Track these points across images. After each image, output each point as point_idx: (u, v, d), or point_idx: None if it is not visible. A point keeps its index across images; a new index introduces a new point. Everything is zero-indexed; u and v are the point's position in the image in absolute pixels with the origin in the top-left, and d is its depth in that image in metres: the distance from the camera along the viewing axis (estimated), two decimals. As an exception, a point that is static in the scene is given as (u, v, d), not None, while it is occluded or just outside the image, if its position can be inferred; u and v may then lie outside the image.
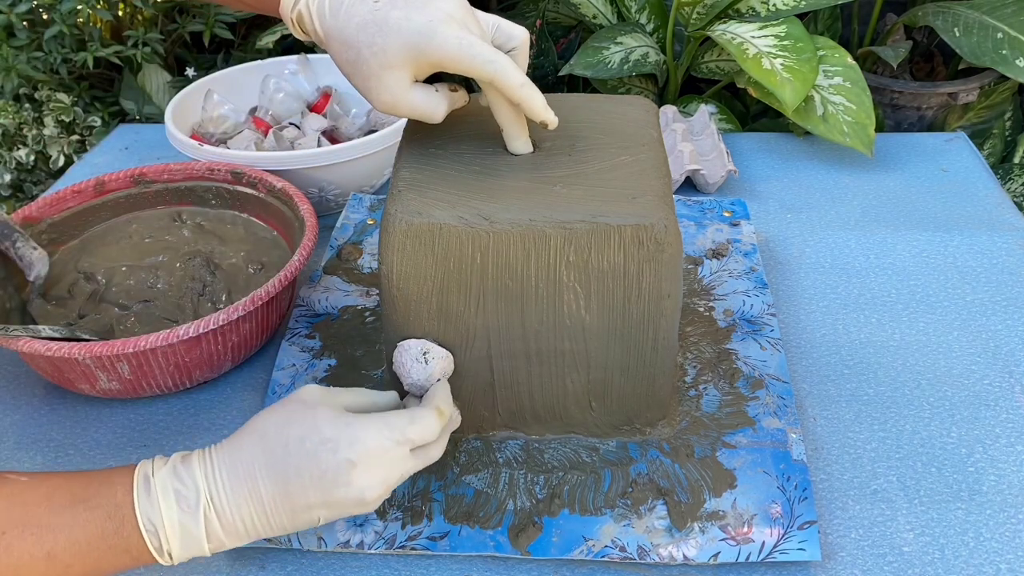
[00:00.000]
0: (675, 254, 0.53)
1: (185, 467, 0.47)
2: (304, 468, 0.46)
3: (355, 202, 0.87)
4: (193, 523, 0.45)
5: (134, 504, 0.45)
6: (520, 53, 0.55)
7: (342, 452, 0.47)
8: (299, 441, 0.47)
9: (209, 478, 0.46)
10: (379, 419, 0.48)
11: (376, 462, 0.47)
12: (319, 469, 0.46)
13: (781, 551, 0.53)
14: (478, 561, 0.55)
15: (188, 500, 0.46)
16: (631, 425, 0.60)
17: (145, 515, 0.45)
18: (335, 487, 0.47)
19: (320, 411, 0.48)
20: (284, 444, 0.47)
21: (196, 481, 0.46)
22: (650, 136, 0.59)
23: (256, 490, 0.46)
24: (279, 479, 0.46)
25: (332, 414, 0.48)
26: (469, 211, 0.52)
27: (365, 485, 0.47)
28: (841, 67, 0.98)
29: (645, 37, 1.17)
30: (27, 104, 1.41)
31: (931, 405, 0.66)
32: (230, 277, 0.78)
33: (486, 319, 0.55)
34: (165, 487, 0.46)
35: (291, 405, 0.49)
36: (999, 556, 0.55)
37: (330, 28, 0.53)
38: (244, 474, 0.46)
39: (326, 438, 0.47)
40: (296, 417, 0.48)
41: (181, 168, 0.81)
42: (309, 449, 0.46)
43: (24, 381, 0.71)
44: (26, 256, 0.73)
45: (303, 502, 0.47)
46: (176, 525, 0.45)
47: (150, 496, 0.46)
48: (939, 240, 0.83)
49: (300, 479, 0.46)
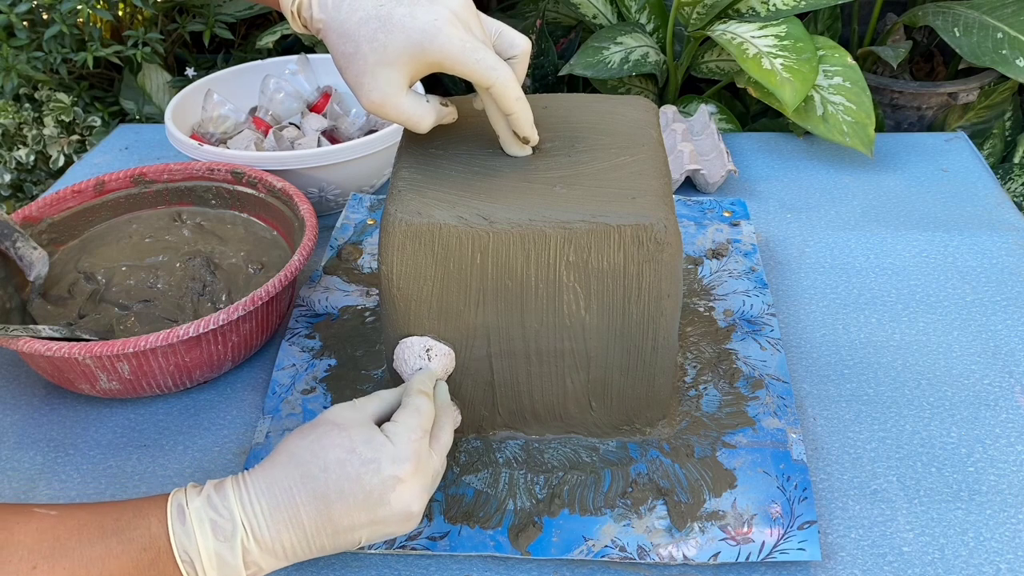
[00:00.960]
0: (675, 254, 0.53)
1: (220, 496, 0.46)
2: (348, 490, 0.46)
3: (355, 202, 0.87)
4: (230, 552, 0.45)
5: (170, 536, 0.45)
6: (520, 62, 0.55)
7: (386, 469, 0.46)
8: (339, 464, 0.46)
9: (246, 506, 0.46)
10: (401, 426, 0.48)
11: (416, 471, 0.47)
12: (364, 489, 0.46)
13: (781, 551, 0.53)
14: (478, 561, 0.55)
15: (225, 530, 0.45)
16: (631, 425, 0.60)
17: (181, 546, 0.45)
18: (380, 505, 0.47)
19: (354, 431, 0.48)
20: (323, 468, 0.46)
21: (232, 510, 0.46)
22: (650, 136, 0.59)
23: (297, 515, 0.46)
24: (321, 503, 0.46)
25: (367, 433, 0.48)
26: (469, 211, 0.52)
27: (410, 498, 0.47)
28: (841, 67, 0.98)
29: (645, 37, 1.17)
30: (27, 104, 1.41)
31: (931, 405, 0.66)
32: (230, 277, 0.78)
33: (486, 319, 0.55)
34: (201, 518, 0.45)
35: (322, 427, 0.48)
36: (999, 556, 0.55)
37: (331, 19, 0.53)
38: (284, 501, 0.46)
39: (368, 459, 0.47)
40: (331, 439, 0.47)
41: (181, 168, 0.81)
42: (351, 472, 0.46)
43: (24, 381, 0.71)
44: (26, 256, 0.73)
45: (347, 523, 0.46)
46: (213, 556, 0.45)
47: (185, 527, 0.45)
48: (939, 240, 0.83)
49: (344, 502, 0.46)
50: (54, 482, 0.62)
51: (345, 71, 0.53)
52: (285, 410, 0.65)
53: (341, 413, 0.50)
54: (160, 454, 0.64)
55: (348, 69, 0.53)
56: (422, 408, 0.50)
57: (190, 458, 0.64)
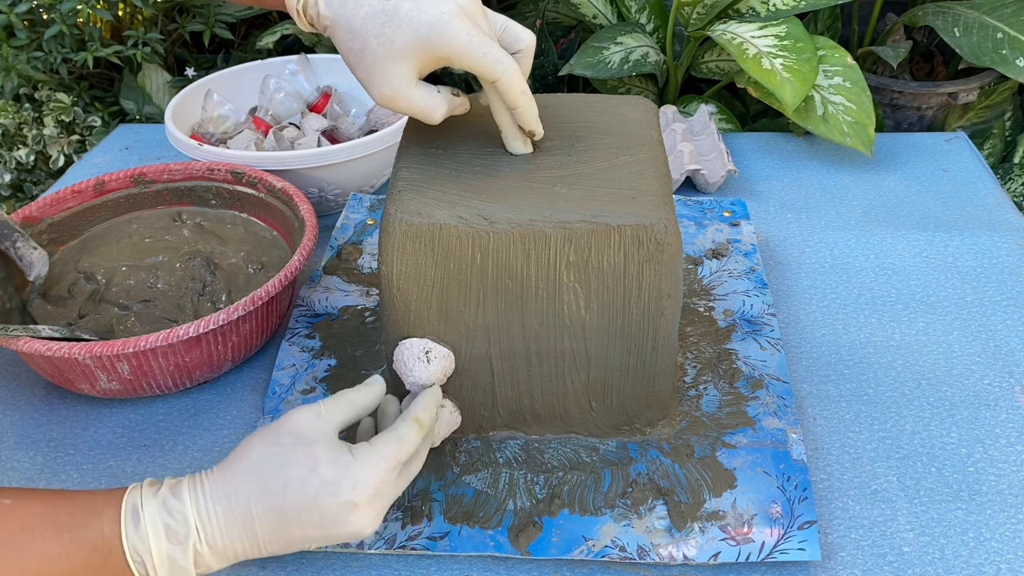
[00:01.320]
0: (675, 254, 0.53)
1: (176, 499, 0.46)
2: (305, 510, 0.46)
3: (355, 202, 0.87)
4: (182, 555, 0.45)
5: (122, 537, 0.45)
6: (525, 56, 0.55)
7: (344, 495, 0.46)
8: (300, 482, 0.46)
9: (202, 513, 0.46)
10: (373, 453, 0.48)
11: (375, 499, 0.47)
12: (319, 511, 0.46)
13: (781, 551, 0.53)
14: (478, 561, 0.55)
15: (178, 534, 0.45)
16: (631, 425, 0.60)
17: (133, 548, 0.45)
18: (334, 526, 0.47)
19: (318, 448, 0.47)
20: (283, 484, 0.46)
21: (187, 516, 0.46)
22: (650, 136, 0.59)
23: (251, 528, 0.46)
24: (277, 519, 0.46)
25: (331, 453, 0.47)
26: (469, 211, 0.52)
27: (365, 522, 0.47)
28: (841, 67, 0.98)
29: (645, 37, 1.17)
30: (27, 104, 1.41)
31: (931, 405, 0.66)
32: (230, 277, 0.78)
33: (486, 319, 0.55)
34: (155, 521, 0.45)
35: (286, 439, 0.48)
36: (999, 556, 0.55)
37: (337, 16, 0.53)
38: (240, 512, 0.46)
39: (328, 480, 0.46)
40: (294, 455, 0.47)
41: (181, 168, 0.81)
42: (310, 492, 0.46)
43: (24, 381, 0.71)
44: (26, 256, 0.73)
45: (299, 537, 0.47)
46: (165, 557, 0.45)
47: (139, 530, 0.45)
48: (939, 240, 0.83)
49: (300, 520, 0.46)
50: (54, 482, 0.62)
51: (355, 67, 0.53)
52: (285, 410, 0.65)
53: (307, 423, 0.48)
54: (160, 454, 0.64)
55: (357, 65, 0.53)
56: (406, 439, 0.49)
57: (190, 458, 0.64)
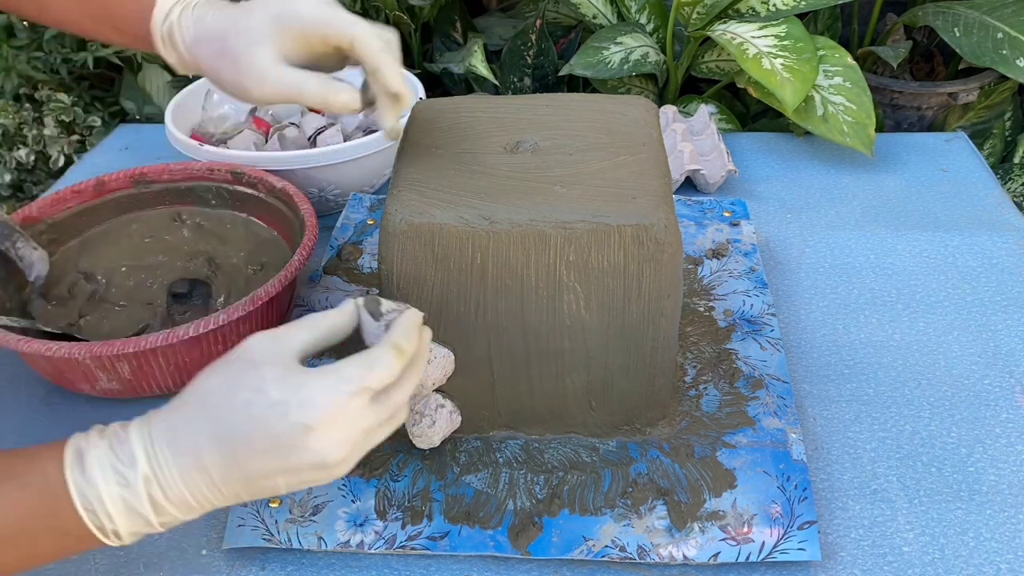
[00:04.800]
0: (675, 254, 0.53)
1: (122, 439, 0.43)
2: (253, 435, 0.42)
3: (355, 202, 0.87)
4: (135, 499, 0.42)
5: (67, 482, 0.41)
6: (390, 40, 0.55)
7: (293, 415, 0.42)
8: (245, 405, 0.42)
9: (148, 451, 0.42)
10: (332, 373, 0.43)
11: (333, 422, 0.42)
12: (270, 436, 0.42)
13: (781, 551, 0.53)
14: (478, 561, 0.55)
15: (127, 476, 0.42)
16: (631, 425, 0.60)
17: (81, 493, 0.41)
18: (290, 453, 0.42)
19: (267, 370, 0.43)
20: (230, 410, 0.42)
21: (135, 454, 0.42)
22: (650, 136, 0.59)
23: (201, 462, 0.42)
24: (226, 449, 0.42)
25: (280, 372, 0.43)
26: (469, 211, 0.52)
27: (325, 448, 0.42)
28: (841, 67, 0.98)
29: (645, 37, 1.17)
30: (27, 104, 1.41)
31: (931, 405, 0.66)
32: (230, 277, 0.78)
33: (486, 319, 0.55)
34: (102, 463, 0.42)
35: (235, 364, 0.44)
36: (999, 556, 0.55)
37: (196, 32, 0.55)
38: (187, 446, 0.42)
39: (275, 401, 0.42)
40: (241, 379, 0.43)
41: (181, 168, 0.81)
42: (256, 415, 0.42)
43: (24, 381, 0.71)
44: (26, 256, 0.73)
45: (256, 469, 0.42)
46: (118, 500, 0.42)
47: (85, 474, 0.42)
48: (939, 240, 0.83)
49: (249, 448, 0.42)
50: (54, 482, 0.62)
51: (220, 72, 0.54)
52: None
53: (260, 345, 0.44)
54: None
55: (223, 68, 0.54)
56: (378, 364, 0.44)
57: (190, 458, 0.64)
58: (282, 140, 0.91)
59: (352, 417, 0.43)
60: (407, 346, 0.46)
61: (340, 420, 0.43)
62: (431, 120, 0.61)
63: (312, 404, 0.42)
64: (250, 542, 0.55)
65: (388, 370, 0.44)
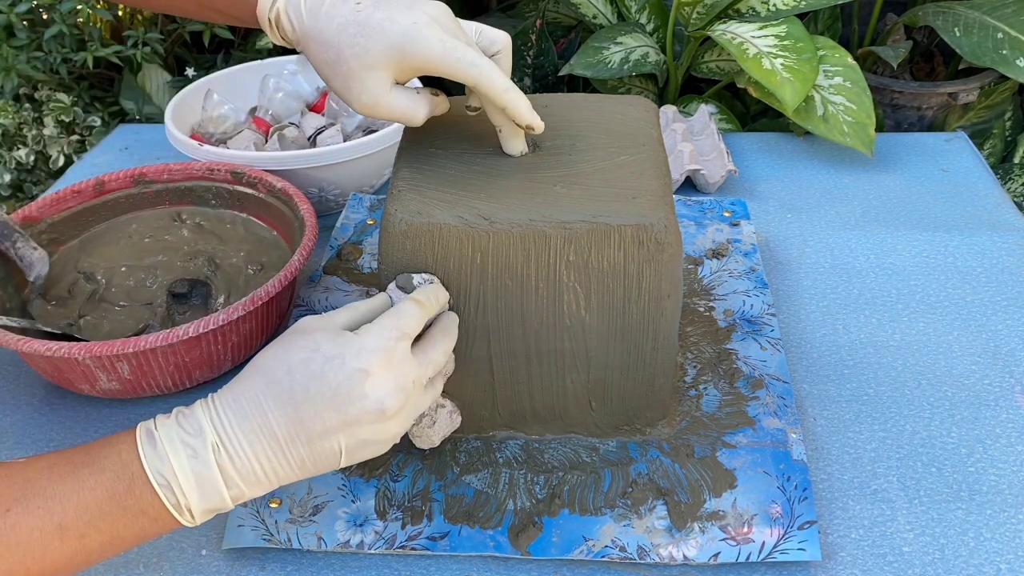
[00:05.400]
0: (675, 254, 0.53)
1: (189, 415, 0.45)
2: (314, 389, 0.44)
3: (355, 202, 0.87)
4: (206, 469, 0.44)
5: (141, 459, 0.43)
6: (503, 57, 0.55)
7: (350, 363, 0.45)
8: (303, 364, 0.45)
9: (215, 420, 0.45)
10: (373, 326, 0.47)
11: (386, 365, 0.46)
12: (330, 387, 0.44)
13: (781, 551, 0.53)
14: (478, 561, 0.55)
15: (196, 446, 0.44)
16: (631, 425, 0.60)
17: (155, 468, 0.43)
18: (350, 402, 0.45)
19: (318, 334, 0.46)
20: (288, 371, 0.45)
21: (202, 425, 0.44)
22: (650, 136, 0.59)
23: (267, 423, 0.44)
24: (289, 406, 0.44)
25: (331, 334, 0.46)
26: (469, 211, 0.52)
27: (382, 393, 0.45)
28: (841, 67, 0.98)
29: (645, 37, 1.17)
30: (27, 104, 1.41)
31: (931, 405, 0.66)
32: (230, 277, 0.78)
33: (486, 319, 0.55)
34: (171, 437, 0.44)
35: (287, 337, 0.47)
36: (999, 556, 0.55)
37: (309, 28, 0.53)
38: (251, 409, 0.45)
39: (331, 355, 0.45)
40: (296, 344, 0.46)
41: (181, 168, 0.81)
42: (315, 370, 0.45)
43: (24, 381, 0.71)
44: (26, 256, 0.73)
45: (319, 427, 0.45)
46: (189, 474, 0.43)
47: (156, 449, 0.44)
48: (939, 240, 0.83)
49: (311, 402, 0.44)
50: (54, 482, 0.62)
51: (330, 79, 0.53)
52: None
53: (308, 321, 0.48)
54: (160, 454, 0.64)
55: (333, 76, 0.53)
56: (405, 312, 0.48)
57: (190, 458, 0.64)
58: (282, 140, 0.91)
59: (401, 363, 0.47)
60: (424, 299, 0.50)
61: (391, 364, 0.46)
62: (431, 120, 0.61)
63: (365, 350, 0.45)
64: (250, 542, 0.55)
65: (412, 312, 0.49)
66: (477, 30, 0.55)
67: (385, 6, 0.51)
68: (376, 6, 0.51)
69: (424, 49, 0.51)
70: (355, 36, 0.51)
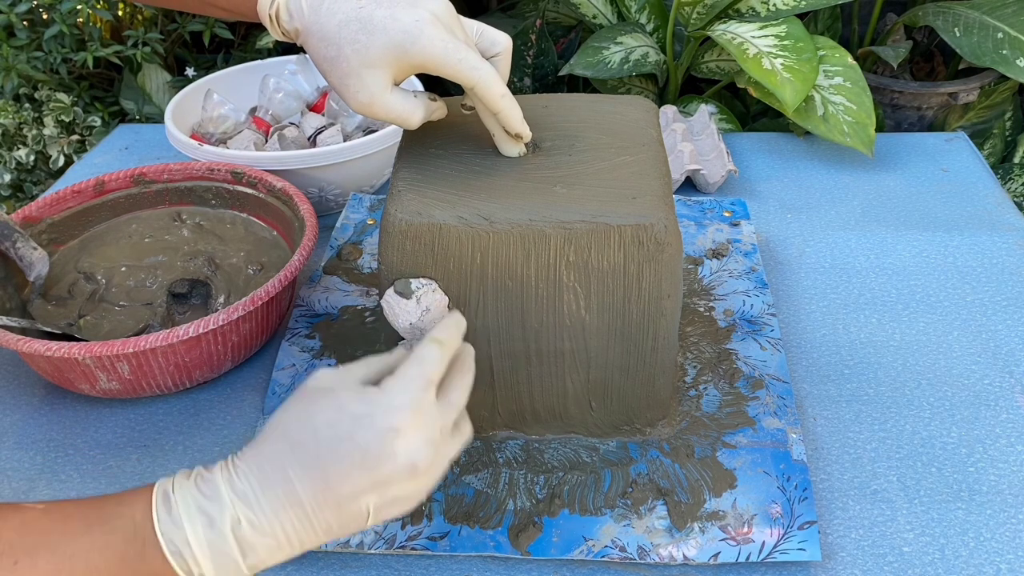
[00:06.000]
0: (675, 254, 0.53)
1: (208, 479, 0.43)
2: (342, 451, 0.42)
3: (355, 202, 0.87)
4: (221, 540, 0.41)
5: (155, 524, 0.41)
6: (503, 60, 0.55)
7: (379, 422, 0.42)
8: (329, 426, 0.43)
9: (236, 487, 0.42)
10: (399, 376, 0.45)
11: (416, 420, 0.43)
12: (359, 447, 0.42)
13: (781, 551, 0.53)
14: (478, 561, 0.55)
15: (213, 514, 0.41)
16: (631, 425, 0.60)
17: (168, 536, 0.41)
18: (380, 463, 0.42)
19: (341, 392, 0.44)
20: (313, 434, 0.43)
21: (221, 492, 0.42)
22: (650, 136, 0.59)
23: (292, 490, 0.42)
24: (316, 471, 0.42)
25: (354, 392, 0.44)
26: (469, 211, 0.52)
27: (412, 450, 0.43)
28: (841, 67, 0.98)
29: (645, 37, 1.17)
30: (27, 104, 1.41)
31: (931, 405, 0.66)
32: (230, 277, 0.78)
33: (486, 319, 0.55)
34: (187, 503, 0.42)
35: (307, 395, 0.45)
36: (999, 556, 0.55)
37: (309, 24, 0.53)
38: (276, 477, 0.42)
39: (359, 415, 0.43)
40: (317, 404, 0.44)
41: (181, 168, 0.81)
42: (343, 432, 0.42)
43: (24, 381, 0.71)
44: (26, 256, 0.73)
45: (348, 489, 0.42)
46: (204, 545, 0.41)
47: (171, 515, 0.41)
48: (939, 240, 0.83)
49: (340, 465, 0.42)
50: (54, 482, 0.62)
51: (329, 74, 0.53)
52: (285, 410, 0.65)
53: (326, 376, 0.46)
54: (160, 454, 0.64)
55: (332, 72, 0.53)
56: (427, 358, 0.46)
57: (190, 458, 0.64)
58: (282, 140, 0.91)
59: (429, 414, 0.44)
60: (445, 338, 0.48)
61: (421, 418, 0.44)
62: (432, 120, 0.61)
63: (395, 407, 0.43)
64: (250, 542, 0.55)
65: (435, 361, 0.46)
66: (478, 30, 0.55)
67: (388, 3, 0.51)
68: (378, 3, 0.51)
69: (425, 49, 0.50)
70: (356, 33, 0.51)
